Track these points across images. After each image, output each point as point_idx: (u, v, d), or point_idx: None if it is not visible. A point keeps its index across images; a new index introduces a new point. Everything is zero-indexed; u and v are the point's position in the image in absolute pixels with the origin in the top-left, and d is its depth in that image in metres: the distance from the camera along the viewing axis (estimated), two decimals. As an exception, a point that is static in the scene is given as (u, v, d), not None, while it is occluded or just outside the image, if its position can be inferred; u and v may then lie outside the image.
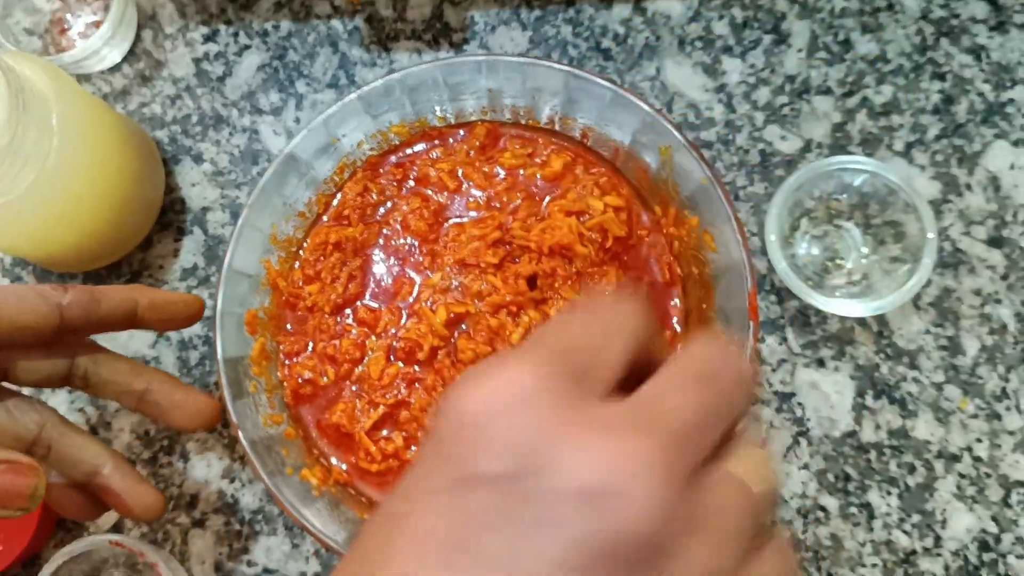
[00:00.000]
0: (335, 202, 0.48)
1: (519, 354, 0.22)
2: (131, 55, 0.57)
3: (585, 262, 0.45)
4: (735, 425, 0.24)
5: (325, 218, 0.48)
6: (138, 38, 0.57)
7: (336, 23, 0.57)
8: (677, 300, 0.47)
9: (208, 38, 0.57)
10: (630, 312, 0.24)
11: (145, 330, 0.48)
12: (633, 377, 0.23)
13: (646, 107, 0.43)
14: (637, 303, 0.25)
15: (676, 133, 0.43)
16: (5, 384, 0.41)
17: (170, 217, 0.56)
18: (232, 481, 0.53)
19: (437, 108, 0.48)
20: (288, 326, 0.47)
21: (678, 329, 0.47)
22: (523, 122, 0.48)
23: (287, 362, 0.47)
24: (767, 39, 0.55)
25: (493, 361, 0.22)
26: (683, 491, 0.20)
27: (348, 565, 0.23)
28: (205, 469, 0.53)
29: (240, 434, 0.42)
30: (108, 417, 0.54)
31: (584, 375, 0.22)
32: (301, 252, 0.48)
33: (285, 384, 0.46)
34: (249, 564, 0.52)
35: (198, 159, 0.56)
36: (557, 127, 0.48)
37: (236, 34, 0.57)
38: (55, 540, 0.53)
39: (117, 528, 0.53)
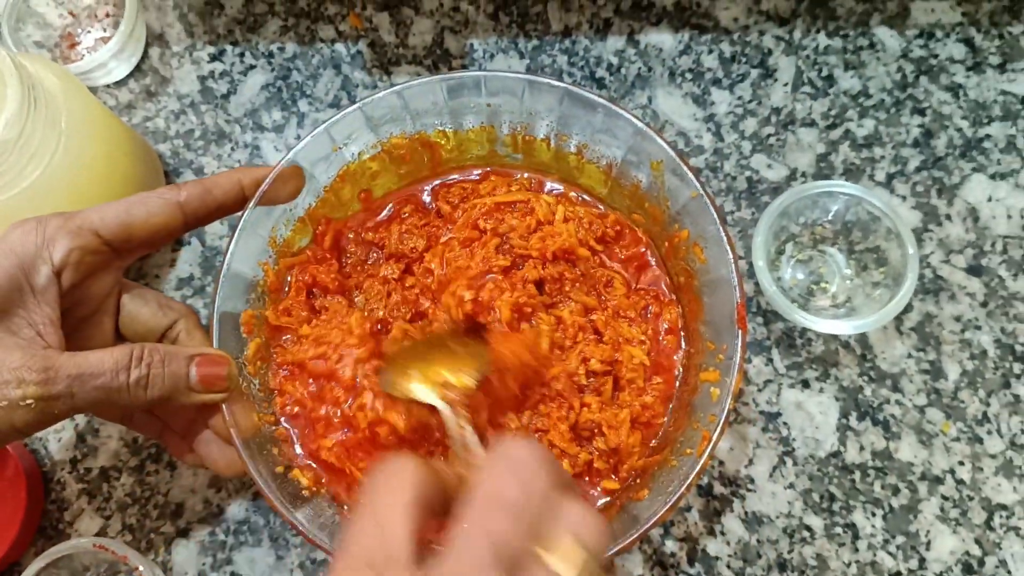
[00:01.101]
0: None
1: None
2: (138, 71, 0.59)
3: (588, 264, 0.47)
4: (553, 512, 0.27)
5: None
6: (145, 55, 0.59)
7: (340, 47, 0.59)
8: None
9: (214, 57, 0.59)
10: (397, 488, 0.27)
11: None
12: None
13: (638, 122, 0.45)
14: (398, 478, 0.28)
15: (666, 146, 0.44)
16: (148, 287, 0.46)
17: (169, 227, 0.56)
18: (219, 491, 0.53)
19: (437, 122, 0.49)
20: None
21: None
22: (521, 137, 0.50)
23: (281, 371, 0.47)
24: (754, 73, 0.58)
25: None
26: None
27: None
28: (192, 478, 0.53)
29: (232, 431, 0.42)
30: (96, 424, 0.54)
31: (384, 565, 0.25)
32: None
33: (276, 399, 0.46)
34: (232, 576, 0.51)
35: (199, 172, 0.57)
36: (553, 143, 0.50)
37: (242, 54, 0.59)
38: (35, 548, 0.52)
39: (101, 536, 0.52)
